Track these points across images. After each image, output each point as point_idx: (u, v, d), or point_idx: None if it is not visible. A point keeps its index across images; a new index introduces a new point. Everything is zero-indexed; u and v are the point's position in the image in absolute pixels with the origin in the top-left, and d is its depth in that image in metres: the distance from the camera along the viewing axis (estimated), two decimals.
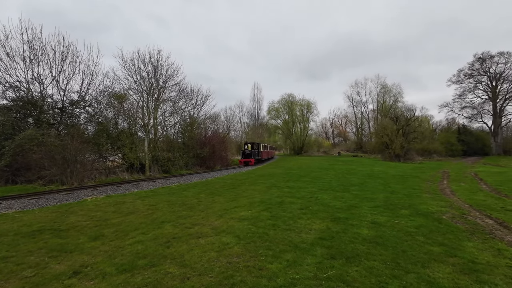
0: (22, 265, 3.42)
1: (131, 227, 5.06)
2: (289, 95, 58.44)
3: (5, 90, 12.54)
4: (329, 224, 5.03)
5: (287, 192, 8.90)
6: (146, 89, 18.12)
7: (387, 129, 34.69)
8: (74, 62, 14.54)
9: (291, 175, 14.91)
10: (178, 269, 3.20)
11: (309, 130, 60.97)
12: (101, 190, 10.14)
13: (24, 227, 5.21)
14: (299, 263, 3.27)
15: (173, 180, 13.28)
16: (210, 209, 6.57)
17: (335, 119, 76.81)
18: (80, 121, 15.11)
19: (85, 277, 3.06)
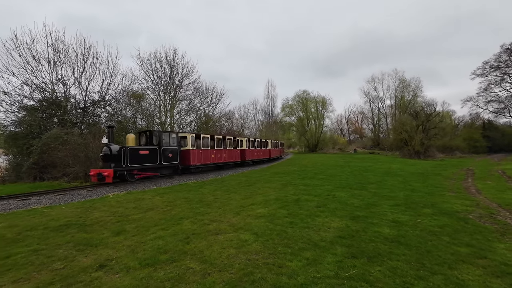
0: (52, 258, 3.59)
1: (151, 223, 5.19)
2: (303, 91, 57.77)
3: (32, 91, 13.21)
4: (348, 223, 4.94)
5: (303, 190, 8.82)
6: (163, 88, 18.54)
7: (406, 125, 33.57)
8: (94, 63, 15.14)
9: (306, 173, 14.76)
10: (198, 265, 3.25)
11: (324, 127, 60.14)
12: (122, 186, 10.48)
13: (52, 221, 5.48)
14: (319, 262, 3.23)
15: (189, 177, 13.51)
16: (226, 206, 6.63)
17: (350, 116, 75.23)
18: (101, 120, 15.69)
19: (111, 271, 3.17)
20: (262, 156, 23.76)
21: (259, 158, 23.08)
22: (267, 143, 26.14)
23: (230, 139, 18.94)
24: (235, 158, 18.72)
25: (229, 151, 18.13)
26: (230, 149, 18.28)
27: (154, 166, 12.22)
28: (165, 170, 13.08)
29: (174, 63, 18.67)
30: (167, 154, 12.87)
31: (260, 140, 24.33)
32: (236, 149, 19.17)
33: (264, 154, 24.54)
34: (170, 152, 13.03)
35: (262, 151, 24.21)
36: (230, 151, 18.25)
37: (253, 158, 21.74)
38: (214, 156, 16.32)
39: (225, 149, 17.54)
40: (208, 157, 15.63)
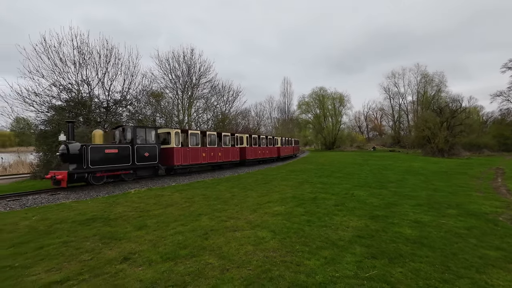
0: (80, 249, 3.80)
1: (171, 219, 5.35)
2: (320, 88, 56.89)
3: (60, 92, 13.94)
4: (367, 222, 4.83)
5: (320, 188, 8.72)
6: (181, 87, 18.91)
7: (428, 122, 32.16)
8: (116, 64, 15.70)
9: (323, 171, 14.56)
10: (217, 261, 3.31)
11: (342, 124, 58.97)
12: (143, 183, 10.86)
13: (79, 215, 5.79)
14: (338, 261, 3.19)
15: (207, 175, 13.74)
16: (243, 203, 6.69)
17: (369, 113, 73.14)
18: (122, 119, 16.28)
19: (134, 263, 3.30)
20: (268, 155, 21.43)
21: (264, 157, 20.77)
22: (276, 140, 23.93)
23: (228, 136, 17.05)
24: (233, 157, 16.86)
25: (226, 149, 16.27)
26: (227, 147, 16.44)
27: (126, 167, 10.63)
28: (142, 171, 11.48)
29: (192, 62, 19.09)
30: (143, 153, 11.13)
31: (265, 137, 21.91)
32: (235, 147, 17.40)
33: (271, 153, 22.14)
34: (146, 151, 11.28)
35: (269, 149, 21.85)
36: (227, 150, 16.38)
37: (256, 157, 19.62)
38: (206, 155, 14.48)
39: (220, 147, 15.78)
40: (197, 156, 13.87)
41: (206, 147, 14.71)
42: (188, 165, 13.40)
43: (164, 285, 2.74)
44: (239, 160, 17.60)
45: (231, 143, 17.46)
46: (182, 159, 12.99)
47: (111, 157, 10.12)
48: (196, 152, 13.95)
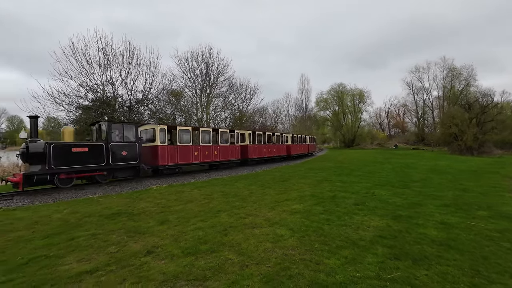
0: (107, 242, 4.00)
1: (191, 214, 5.49)
2: (339, 84, 55.61)
3: (86, 92, 14.69)
4: (390, 222, 4.68)
5: (339, 187, 8.56)
6: (199, 86, 19.24)
7: (456, 118, 30.50)
8: (138, 65, 16.28)
9: (343, 169, 14.26)
10: (236, 257, 3.36)
11: (362, 121, 57.40)
12: (164, 179, 11.22)
13: (106, 210, 6.09)
14: (359, 261, 3.13)
15: (225, 172, 13.94)
16: (261, 201, 6.72)
17: (391, 109, 70.33)
18: (144, 118, 16.87)
19: (157, 257, 3.43)
20: (275, 153, 19.86)
21: (270, 156, 19.18)
22: (285, 137, 22.11)
23: (226, 133, 15.63)
24: (232, 156, 15.46)
25: (224, 147, 14.97)
26: (225, 145, 15.12)
27: (98, 168, 9.48)
28: (119, 172, 10.28)
29: (210, 61, 19.38)
30: (120, 152, 9.90)
31: (272, 133, 20.33)
32: (235, 145, 15.95)
33: (279, 151, 20.43)
34: (124, 149, 10.04)
35: (277, 147, 20.11)
36: (225, 148, 15.03)
37: (260, 156, 18.10)
38: (199, 154, 13.16)
39: (217, 145, 14.41)
40: (188, 155, 12.58)
41: (199, 145, 13.30)
42: (176, 165, 12.06)
43: (186, 278, 2.83)
44: (240, 159, 16.20)
45: (231, 141, 16.06)
46: (168, 158, 11.71)
47: (80, 156, 8.94)
48: (187, 150, 12.60)
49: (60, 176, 8.75)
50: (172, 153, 11.95)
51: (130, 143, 10.39)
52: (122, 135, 10.19)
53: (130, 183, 10.21)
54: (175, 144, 12.32)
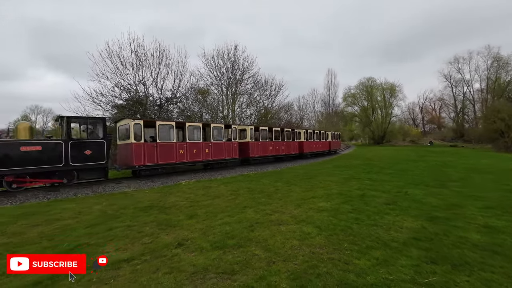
0: (142, 233, 4.25)
1: (218, 210, 5.62)
2: (368, 79, 53.28)
3: (121, 92, 15.60)
4: (425, 224, 4.41)
5: (368, 185, 8.24)
6: (225, 83, 19.55)
7: (502, 113, 27.83)
8: (167, 64, 16.93)
9: (372, 167, 13.71)
10: (263, 253, 3.38)
11: (393, 117, 54.58)
12: (191, 175, 11.62)
13: (139, 203, 6.45)
14: (391, 263, 2.99)
15: (250, 168, 14.07)
16: (287, 197, 6.69)
17: (426, 103, 65.89)
18: (173, 116, 17.55)
19: (187, 249, 3.57)
20: (285, 152, 17.89)
21: (278, 154, 17.32)
22: (299, 134, 19.89)
23: (220, 128, 13.76)
24: (229, 155, 13.77)
25: (218, 144, 13.24)
26: (218, 142, 13.36)
27: (56, 169, 8.32)
28: (83, 173, 9.05)
29: (235, 59, 19.63)
30: (82, 150, 8.69)
31: (281, 129, 18.25)
32: (232, 141, 14.28)
33: (289, 149, 18.27)
34: (88, 148, 8.84)
35: (286, 144, 18.05)
36: (219, 145, 13.32)
37: (265, 154, 16.24)
38: (186, 152, 11.66)
39: (208, 143, 12.84)
40: (171, 154, 11.18)
41: (185, 142, 11.82)
42: (156, 165, 10.71)
43: (215, 271, 2.91)
44: (239, 158, 14.65)
45: (229, 137, 14.49)
46: (145, 158, 10.34)
47: (31, 156, 7.84)
48: (169, 148, 11.16)
49: (7, 178, 7.69)
50: (151, 151, 10.51)
51: (95, 141, 9.04)
52: (85, 132, 9.08)
53: (161, 178, 10.71)
54: (153, 142, 10.88)
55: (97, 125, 9.45)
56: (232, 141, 14.26)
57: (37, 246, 3.76)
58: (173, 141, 11.39)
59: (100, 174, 9.44)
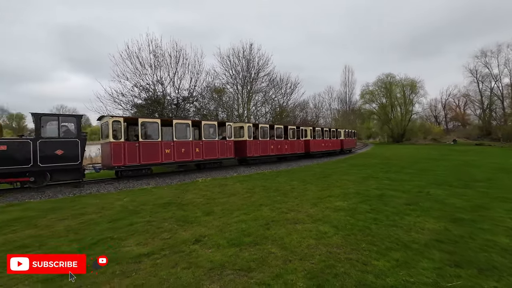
0: (161, 229, 4.38)
1: (234, 207, 5.68)
2: (387, 75, 51.64)
3: (140, 92, 16.09)
4: (448, 225, 4.24)
5: (387, 185, 8.01)
6: (240, 82, 19.64)
7: None
8: (184, 64, 17.24)
9: (391, 166, 13.31)
10: (279, 251, 3.39)
11: (413, 114, 52.56)
12: (207, 172, 11.80)
13: (158, 199, 6.65)
14: (412, 265, 2.90)
15: (265, 167, 14.08)
16: (303, 196, 6.64)
17: (449, 100, 62.82)
18: (189, 114, 17.87)
19: (204, 245, 3.64)
20: (288, 151, 16.78)
21: (281, 154, 16.26)
22: (305, 132, 18.52)
23: (213, 126, 12.89)
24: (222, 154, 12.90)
25: (210, 143, 12.38)
26: (211, 140, 12.47)
27: (23, 170, 7.83)
28: (58, 175, 8.52)
29: (251, 57, 19.67)
30: (53, 150, 8.11)
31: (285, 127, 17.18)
32: (227, 140, 13.28)
33: (294, 148, 17.12)
34: (59, 148, 8.23)
35: (291, 143, 16.97)
36: (212, 144, 12.45)
37: (265, 154, 15.20)
38: (173, 152, 10.93)
39: (199, 141, 11.99)
40: (156, 153, 10.46)
41: (172, 141, 11.05)
42: (139, 165, 10.05)
43: (231, 268, 2.95)
44: (234, 157, 13.83)
45: (223, 136, 13.67)
46: (126, 157, 9.66)
47: None
48: (153, 148, 10.46)
49: None
50: (132, 151, 9.82)
51: (68, 139, 8.44)
52: (57, 130, 8.36)
53: (178, 175, 10.96)
54: (135, 141, 10.21)
55: (70, 123, 8.81)
56: (227, 140, 13.34)
57: (64, 239, 3.98)
58: (158, 139, 10.65)
59: (74, 175, 8.79)
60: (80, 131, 8.77)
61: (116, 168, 9.66)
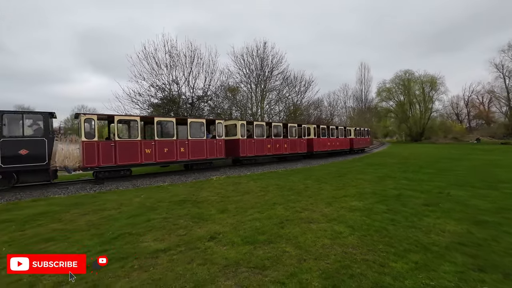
0: (177, 225, 4.47)
1: (248, 205, 5.71)
2: (405, 72, 49.99)
3: (156, 91, 16.47)
4: (471, 228, 4.06)
5: (405, 185, 7.78)
6: (254, 81, 19.66)
7: None
8: (199, 64, 17.46)
9: (408, 166, 12.91)
10: (294, 250, 3.38)
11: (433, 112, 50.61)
12: (222, 171, 11.92)
13: (174, 196, 6.79)
14: (432, 268, 2.81)
15: (279, 165, 14.04)
16: (317, 195, 6.57)
17: (472, 97, 59.91)
18: (204, 113, 18.09)
19: (219, 243, 3.69)
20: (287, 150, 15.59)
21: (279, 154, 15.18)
22: (308, 130, 17.48)
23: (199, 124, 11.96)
24: (212, 154, 12.01)
25: (198, 142, 11.47)
26: (198, 139, 11.57)
27: None
28: (25, 176, 8.03)
29: (264, 55, 19.64)
30: (16, 150, 7.64)
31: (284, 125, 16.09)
32: (217, 139, 12.24)
33: (294, 147, 16.05)
34: (23, 147, 7.73)
35: (291, 142, 15.83)
36: (200, 143, 11.52)
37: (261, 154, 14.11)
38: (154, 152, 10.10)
39: (184, 140, 11.12)
40: (135, 154, 9.67)
41: (153, 140, 10.29)
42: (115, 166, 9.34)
43: (246, 265, 2.97)
44: (225, 157, 12.77)
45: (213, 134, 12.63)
46: (100, 158, 9.01)
47: None
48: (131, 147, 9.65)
49: None
50: (107, 151, 9.19)
51: (33, 138, 7.96)
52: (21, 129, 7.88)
53: (193, 174, 11.14)
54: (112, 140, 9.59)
55: (37, 121, 8.24)
56: (217, 139, 12.30)
57: (86, 233, 4.15)
58: (137, 139, 9.93)
59: (43, 176, 8.27)
60: (49, 130, 8.30)
61: (89, 169, 9.06)
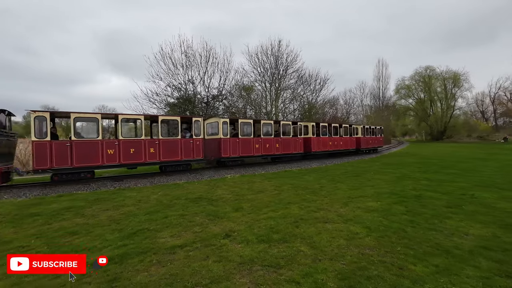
0: (193, 222, 4.56)
1: (263, 204, 5.72)
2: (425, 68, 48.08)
3: (173, 91, 16.84)
4: (497, 232, 3.86)
5: (425, 185, 7.51)
6: (269, 79, 19.62)
7: None
8: (214, 63, 17.64)
9: (429, 166, 12.44)
10: (308, 249, 3.35)
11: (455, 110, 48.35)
12: (236, 169, 12.01)
13: (190, 194, 6.93)
14: (455, 273, 2.70)
15: (293, 165, 13.95)
16: (333, 195, 6.48)
17: (499, 93, 56.66)
18: (219, 112, 18.29)
19: (234, 240, 3.73)
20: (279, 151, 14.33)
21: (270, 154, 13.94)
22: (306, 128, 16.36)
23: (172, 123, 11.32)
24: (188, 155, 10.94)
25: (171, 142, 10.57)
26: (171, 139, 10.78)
27: None
28: None
29: (279, 54, 19.54)
30: None
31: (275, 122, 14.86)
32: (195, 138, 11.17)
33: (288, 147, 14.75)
34: None
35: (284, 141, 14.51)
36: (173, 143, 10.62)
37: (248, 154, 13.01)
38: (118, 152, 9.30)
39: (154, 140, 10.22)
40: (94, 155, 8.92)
41: (116, 139, 9.56)
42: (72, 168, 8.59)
43: (261, 264, 2.99)
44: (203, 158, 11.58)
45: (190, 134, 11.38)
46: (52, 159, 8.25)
47: None
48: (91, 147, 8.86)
49: None
50: (61, 152, 8.38)
51: None
52: None
53: (209, 172, 11.30)
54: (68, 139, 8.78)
55: None
56: (194, 138, 11.21)
57: (107, 228, 4.32)
58: (97, 138, 9.04)
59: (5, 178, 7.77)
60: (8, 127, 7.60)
61: (40, 171, 8.31)
